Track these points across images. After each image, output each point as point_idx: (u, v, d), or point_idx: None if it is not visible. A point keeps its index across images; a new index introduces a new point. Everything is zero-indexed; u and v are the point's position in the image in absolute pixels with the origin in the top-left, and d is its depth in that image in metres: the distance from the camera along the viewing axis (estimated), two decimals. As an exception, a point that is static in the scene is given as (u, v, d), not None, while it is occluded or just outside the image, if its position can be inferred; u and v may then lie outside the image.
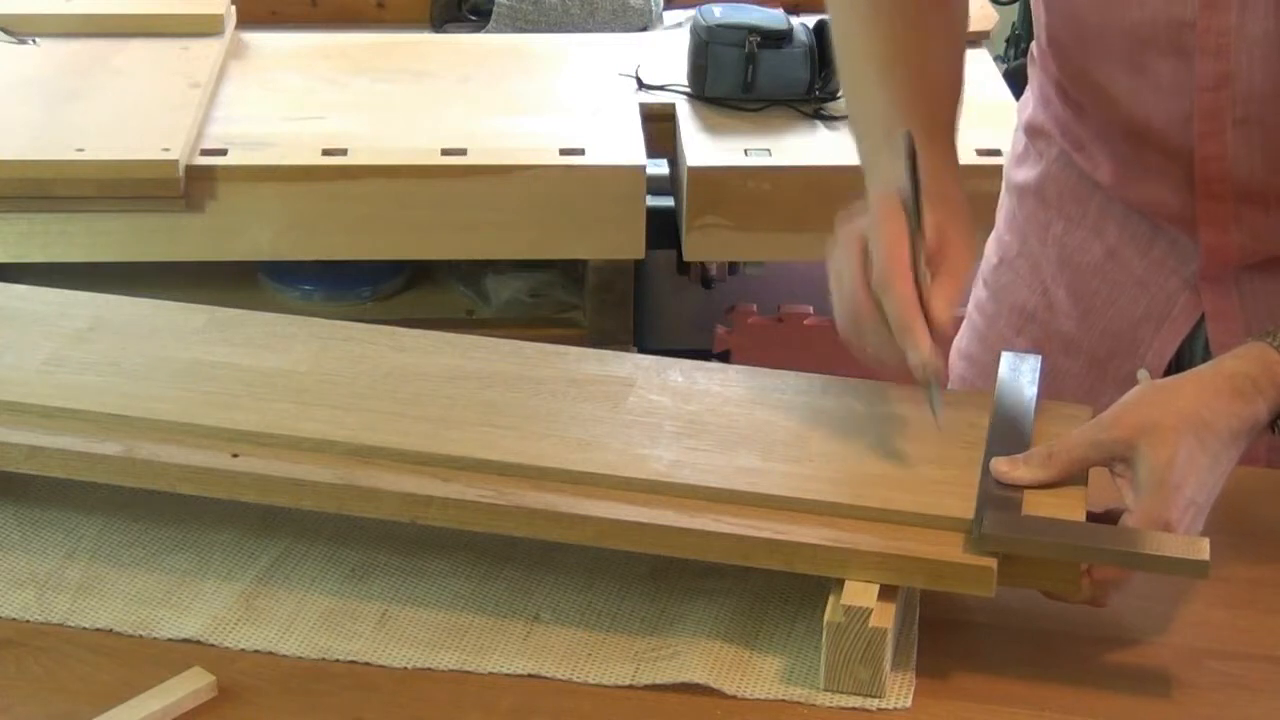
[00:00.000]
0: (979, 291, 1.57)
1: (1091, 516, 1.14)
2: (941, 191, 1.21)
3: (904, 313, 1.14)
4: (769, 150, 2.37)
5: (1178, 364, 1.42)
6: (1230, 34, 1.24)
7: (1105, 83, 1.35)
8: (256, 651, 1.15)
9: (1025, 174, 1.52)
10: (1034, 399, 1.24)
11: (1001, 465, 1.16)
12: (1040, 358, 1.28)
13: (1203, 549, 1.09)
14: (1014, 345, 1.49)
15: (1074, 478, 1.16)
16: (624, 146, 2.38)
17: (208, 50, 2.56)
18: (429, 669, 1.13)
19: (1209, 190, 1.33)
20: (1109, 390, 1.42)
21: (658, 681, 1.12)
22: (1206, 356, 1.40)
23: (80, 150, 2.25)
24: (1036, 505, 1.13)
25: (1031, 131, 1.51)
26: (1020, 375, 1.26)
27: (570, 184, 2.32)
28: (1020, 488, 1.15)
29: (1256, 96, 1.26)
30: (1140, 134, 1.35)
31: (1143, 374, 1.28)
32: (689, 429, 1.22)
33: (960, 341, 1.59)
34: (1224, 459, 1.15)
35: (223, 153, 2.31)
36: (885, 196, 1.18)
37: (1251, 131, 1.28)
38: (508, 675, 1.13)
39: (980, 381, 1.52)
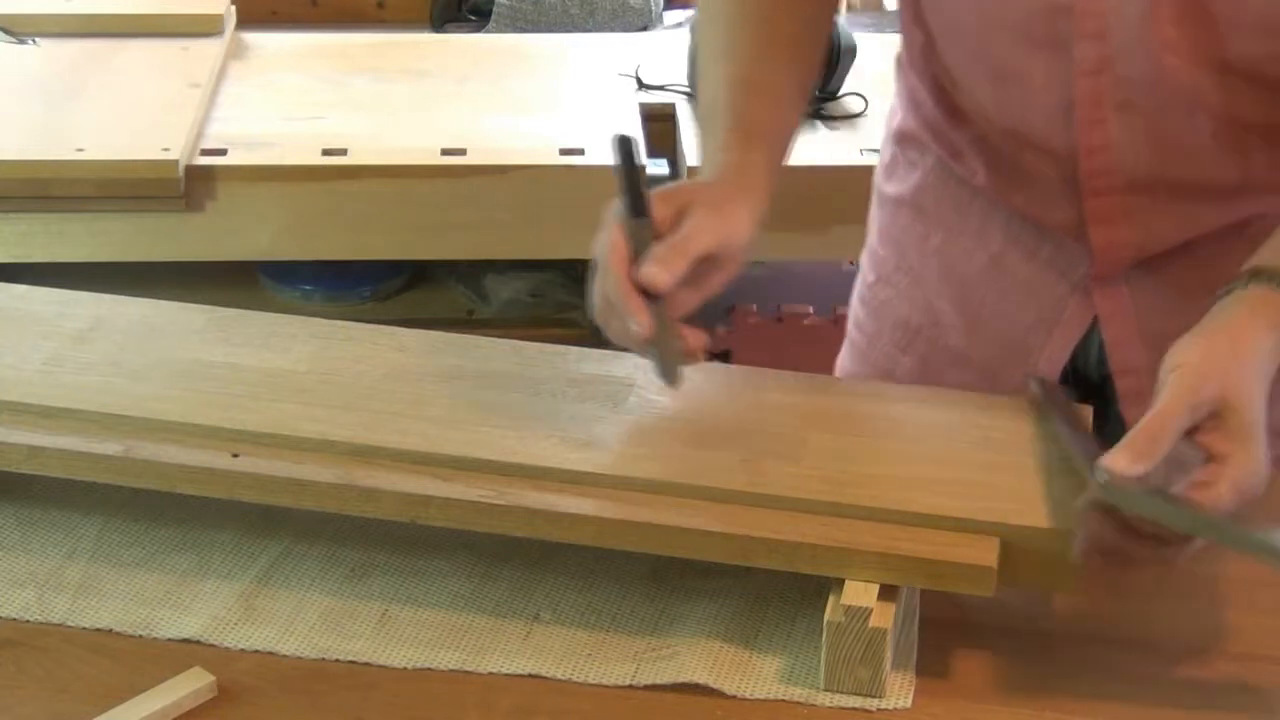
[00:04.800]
0: (857, 310, 1.54)
1: None
2: (739, 183, 1.27)
3: (619, 289, 1.18)
4: (769, 150, 2.36)
5: (1072, 370, 1.41)
6: (1108, 16, 1.23)
7: (981, 85, 1.33)
8: (256, 651, 1.15)
9: (897, 185, 1.49)
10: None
11: (1118, 462, 1.07)
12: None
13: None
14: (899, 363, 1.47)
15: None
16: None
17: (208, 50, 2.55)
18: (429, 669, 1.13)
19: (1095, 186, 1.30)
20: None
21: (658, 681, 1.12)
22: (1102, 359, 1.39)
23: (80, 150, 2.25)
24: None
25: (903, 140, 1.48)
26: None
27: (570, 184, 2.31)
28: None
29: (1136, 80, 1.25)
30: (1020, 138, 1.33)
31: (1032, 383, 1.27)
32: (689, 429, 1.22)
33: (843, 361, 1.56)
34: (1267, 386, 1.12)
35: (223, 153, 2.31)
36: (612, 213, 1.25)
37: (1134, 119, 1.27)
38: (508, 675, 1.13)
39: None
